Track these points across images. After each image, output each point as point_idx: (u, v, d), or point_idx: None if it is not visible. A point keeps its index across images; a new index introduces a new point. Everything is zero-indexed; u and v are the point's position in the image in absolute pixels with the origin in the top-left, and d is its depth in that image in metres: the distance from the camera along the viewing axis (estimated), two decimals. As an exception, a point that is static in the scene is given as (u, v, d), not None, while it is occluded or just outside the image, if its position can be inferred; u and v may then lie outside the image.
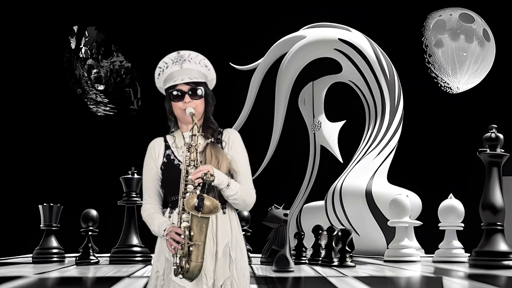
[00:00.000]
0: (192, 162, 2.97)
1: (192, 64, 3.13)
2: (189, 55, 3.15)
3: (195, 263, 2.89)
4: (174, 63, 3.13)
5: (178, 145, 3.14)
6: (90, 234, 6.48)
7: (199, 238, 2.89)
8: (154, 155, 3.15)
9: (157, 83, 3.21)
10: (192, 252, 2.88)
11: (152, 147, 3.18)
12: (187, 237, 2.88)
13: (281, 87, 7.44)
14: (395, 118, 7.58)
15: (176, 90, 3.10)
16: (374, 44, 7.70)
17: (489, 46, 7.60)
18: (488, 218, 5.74)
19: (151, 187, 3.15)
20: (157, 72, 3.18)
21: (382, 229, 7.08)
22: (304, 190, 6.81)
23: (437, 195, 6.70)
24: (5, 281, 5.00)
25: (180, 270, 2.89)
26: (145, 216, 3.13)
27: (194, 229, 2.88)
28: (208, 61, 3.19)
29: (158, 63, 3.18)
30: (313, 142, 7.21)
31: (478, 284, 4.90)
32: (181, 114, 3.11)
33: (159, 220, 3.06)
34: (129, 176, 6.67)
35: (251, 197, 3.13)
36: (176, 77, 3.11)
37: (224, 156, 3.06)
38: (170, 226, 2.96)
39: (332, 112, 7.68)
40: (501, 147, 5.83)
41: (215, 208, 2.88)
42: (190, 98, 3.09)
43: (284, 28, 7.78)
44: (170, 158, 3.13)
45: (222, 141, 3.13)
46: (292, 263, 5.68)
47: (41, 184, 8.51)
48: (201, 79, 3.13)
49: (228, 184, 3.01)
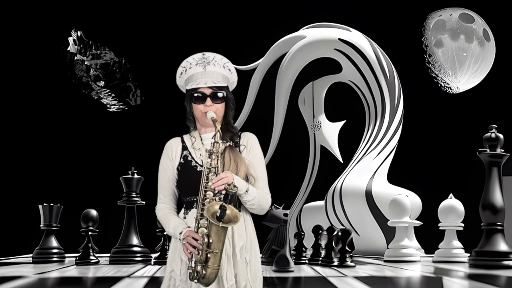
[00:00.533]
0: (212, 169, 2.98)
1: (216, 67, 3.13)
2: (213, 57, 3.15)
3: (211, 269, 2.91)
4: (198, 64, 3.13)
5: (196, 146, 3.14)
6: (90, 234, 6.48)
7: (217, 246, 2.91)
8: (171, 155, 3.15)
9: (178, 81, 3.20)
10: (209, 259, 2.91)
11: (170, 147, 3.18)
12: (205, 244, 2.90)
13: (281, 87, 7.44)
14: (395, 118, 7.58)
15: (198, 93, 3.10)
16: (374, 44, 7.70)
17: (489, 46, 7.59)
18: (488, 218, 5.74)
19: (166, 187, 3.15)
20: (180, 71, 3.17)
21: (382, 229, 7.08)
22: (304, 190, 6.82)
23: (437, 195, 6.70)
24: (5, 281, 5.00)
25: (196, 275, 2.92)
26: (160, 215, 3.14)
27: (212, 237, 2.91)
28: (231, 64, 3.20)
29: (182, 62, 3.17)
30: (313, 142, 7.21)
31: (478, 284, 4.90)
32: (201, 116, 3.11)
33: (175, 221, 3.06)
34: (129, 176, 6.67)
35: (267, 202, 3.14)
36: (199, 79, 3.10)
37: (242, 161, 3.07)
38: (187, 231, 2.97)
39: (332, 112, 7.68)
40: (501, 147, 5.83)
41: (234, 217, 2.90)
42: (212, 102, 3.09)
43: (284, 28, 7.79)
44: (187, 159, 3.13)
45: (241, 145, 3.14)
46: (292, 263, 5.68)
47: (41, 184, 8.51)
48: (224, 83, 3.13)
49: (246, 190, 3.02)
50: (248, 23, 8.87)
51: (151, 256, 6.60)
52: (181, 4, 9.20)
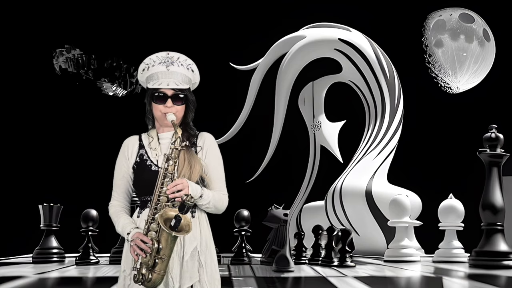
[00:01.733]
0: (169, 174, 2.97)
1: (180, 68, 3.11)
2: (178, 58, 3.13)
3: (157, 274, 2.92)
4: (162, 63, 3.11)
5: (152, 146, 3.13)
6: (90, 234, 6.48)
7: (166, 252, 2.92)
8: (127, 154, 3.16)
9: (140, 77, 3.19)
10: (157, 265, 2.91)
11: (126, 145, 3.19)
12: (155, 250, 2.89)
13: (281, 87, 7.44)
14: (395, 118, 7.58)
15: (159, 92, 3.08)
16: (374, 44, 7.70)
17: (489, 46, 7.59)
18: (488, 218, 5.74)
19: (120, 184, 3.17)
20: (142, 67, 3.16)
21: (382, 229, 7.08)
22: (304, 190, 6.81)
23: (437, 195, 6.70)
24: (5, 281, 5.00)
25: (141, 277, 2.91)
26: (111, 212, 3.16)
27: (162, 243, 2.91)
28: (195, 66, 3.18)
29: (145, 59, 3.15)
30: (313, 142, 7.21)
31: (478, 284, 4.90)
32: (160, 116, 3.10)
33: (124, 220, 3.07)
34: (129, 176, 6.66)
35: (223, 203, 3.13)
36: (162, 79, 3.08)
37: (197, 162, 3.05)
38: (137, 232, 2.96)
39: (332, 112, 7.68)
40: (501, 147, 5.83)
41: (187, 226, 2.91)
42: (172, 103, 3.08)
43: (284, 28, 7.78)
44: (143, 158, 3.12)
45: (197, 146, 3.12)
46: (292, 263, 5.68)
47: (41, 184, 8.51)
48: (186, 85, 3.11)
49: (201, 195, 3.01)
50: (248, 23, 8.87)
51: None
52: (181, 4, 9.20)
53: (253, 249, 6.74)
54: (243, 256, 6.37)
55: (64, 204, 6.86)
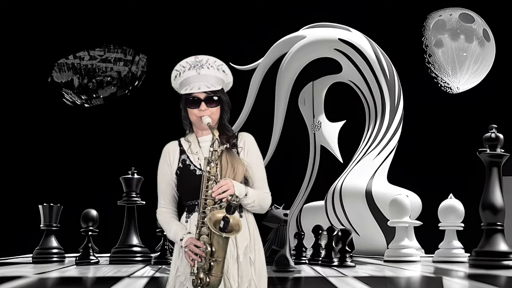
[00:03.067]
0: (212, 177, 2.97)
1: (210, 70, 3.12)
2: (207, 60, 3.14)
3: (215, 277, 2.93)
4: (192, 68, 3.11)
5: (193, 150, 3.14)
6: (90, 234, 6.48)
7: (220, 254, 2.93)
8: (168, 160, 3.15)
9: (173, 84, 3.19)
10: (212, 267, 2.92)
11: (167, 152, 3.17)
12: (209, 253, 2.90)
13: (281, 87, 7.44)
14: (395, 118, 7.58)
15: (192, 97, 3.09)
16: (374, 44, 7.70)
17: (489, 46, 7.59)
18: (488, 218, 5.74)
19: (166, 191, 3.15)
20: (174, 75, 3.16)
21: (382, 229, 7.08)
22: (304, 190, 6.81)
23: (437, 195, 6.70)
24: (5, 281, 5.00)
25: (200, 282, 2.92)
26: (161, 219, 3.14)
27: (215, 246, 2.92)
28: (225, 66, 3.19)
29: (175, 66, 3.16)
30: (313, 142, 7.21)
31: (478, 284, 4.90)
32: (196, 120, 3.11)
33: (175, 227, 3.07)
34: (129, 176, 6.67)
35: (267, 201, 3.15)
36: (193, 83, 3.09)
37: (239, 163, 3.06)
38: (189, 238, 2.97)
39: (332, 112, 7.67)
40: (501, 147, 5.83)
41: (236, 226, 2.91)
42: (206, 106, 3.08)
43: (284, 28, 7.78)
44: (185, 163, 3.12)
45: (238, 146, 3.13)
46: (292, 263, 5.68)
47: (41, 184, 8.51)
48: (218, 86, 3.12)
49: (246, 194, 3.02)
50: (248, 23, 8.86)
51: (151, 256, 6.60)
52: (181, 4, 9.20)
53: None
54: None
55: (64, 204, 6.86)
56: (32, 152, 8.98)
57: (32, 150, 8.98)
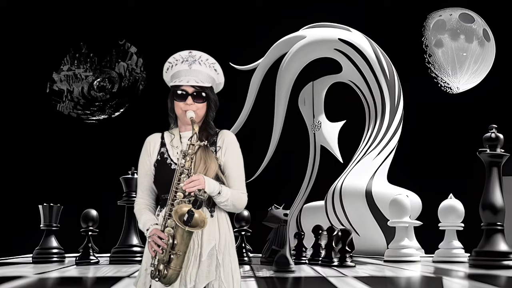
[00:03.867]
0: (185, 171, 2.98)
1: (202, 67, 3.13)
2: (200, 56, 3.14)
3: (173, 270, 2.93)
4: (184, 61, 3.13)
5: (174, 144, 3.14)
6: (90, 234, 6.48)
7: (181, 248, 2.92)
8: (149, 150, 3.17)
9: (165, 76, 3.22)
10: (172, 260, 2.92)
11: (149, 142, 3.20)
12: (170, 246, 2.90)
13: (281, 87, 7.43)
14: (395, 118, 7.57)
15: (180, 90, 3.10)
16: (374, 44, 7.69)
17: (489, 46, 7.59)
18: (488, 218, 5.74)
19: (143, 182, 3.17)
20: (166, 67, 3.18)
21: (382, 229, 7.07)
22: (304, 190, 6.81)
23: (437, 195, 6.70)
24: (5, 281, 5.00)
25: (158, 273, 2.92)
26: (135, 210, 3.17)
27: (177, 239, 2.92)
28: (218, 65, 3.19)
29: (169, 58, 3.17)
30: (313, 142, 7.20)
31: (478, 284, 4.90)
32: (181, 114, 3.12)
33: (145, 217, 3.08)
34: (129, 176, 6.67)
35: (242, 201, 3.13)
36: (183, 77, 3.10)
37: (212, 161, 3.05)
38: (154, 229, 2.97)
39: (332, 112, 7.67)
40: (501, 147, 5.83)
41: (202, 222, 2.91)
42: (193, 101, 3.09)
43: (284, 28, 7.78)
44: (163, 156, 3.13)
45: (217, 145, 3.13)
46: (292, 263, 5.68)
47: (41, 184, 8.51)
48: (208, 83, 3.12)
49: (219, 192, 3.02)
50: (248, 23, 8.86)
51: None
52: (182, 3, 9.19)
53: (253, 249, 6.73)
54: (243, 256, 6.37)
55: (64, 204, 6.86)
56: (32, 152, 8.98)
57: (32, 150, 8.97)
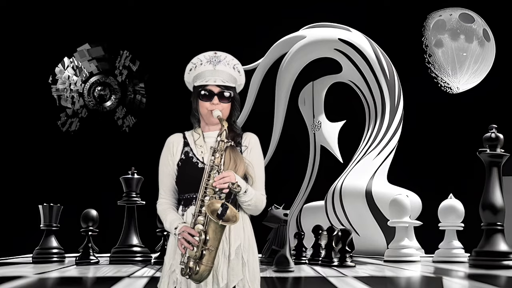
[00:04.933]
0: (215, 167, 2.98)
1: (226, 67, 3.14)
2: (225, 57, 3.16)
3: (205, 266, 2.91)
4: (209, 62, 3.13)
5: (198, 143, 3.14)
6: (90, 234, 6.48)
7: (213, 243, 2.91)
8: (172, 150, 3.16)
9: (186, 77, 3.20)
10: (204, 256, 2.91)
11: (171, 142, 3.18)
12: (202, 241, 2.90)
13: (281, 87, 7.44)
14: (395, 118, 7.58)
15: (205, 90, 3.10)
16: (374, 44, 7.70)
17: (489, 46, 7.59)
18: (488, 218, 5.74)
19: (166, 182, 3.15)
20: (189, 67, 3.18)
21: (382, 229, 7.08)
22: (304, 190, 6.82)
23: (437, 195, 6.70)
24: (5, 281, 5.00)
25: (188, 271, 2.91)
26: (159, 210, 3.15)
27: (210, 234, 2.91)
28: (241, 66, 3.21)
29: (192, 59, 3.17)
30: (313, 142, 7.21)
31: (478, 284, 4.90)
32: (206, 114, 3.12)
33: (172, 216, 3.07)
34: (129, 176, 6.67)
35: (263, 203, 3.15)
36: (208, 77, 3.11)
37: (241, 161, 3.07)
38: (183, 226, 2.97)
39: (332, 112, 7.67)
40: (501, 147, 5.83)
41: (233, 217, 2.91)
42: (219, 101, 3.10)
43: (284, 28, 7.78)
44: (188, 155, 3.13)
45: (243, 145, 3.14)
46: (292, 263, 5.68)
47: (41, 184, 8.51)
48: (232, 84, 3.14)
49: (245, 191, 3.03)
50: (248, 23, 8.86)
51: (151, 256, 6.60)
52: (182, 4, 9.20)
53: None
54: (243, 256, 6.36)
55: (64, 204, 6.86)
56: (32, 152, 8.98)
57: (32, 150, 8.97)
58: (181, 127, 3.30)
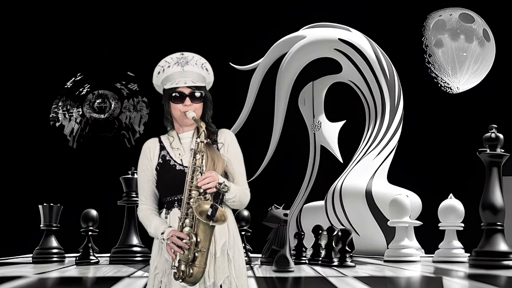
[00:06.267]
0: (198, 169, 2.99)
1: (194, 67, 3.14)
2: (192, 57, 3.16)
3: (198, 268, 2.92)
4: (177, 63, 3.14)
5: (174, 146, 3.15)
6: (90, 234, 6.48)
7: (204, 244, 2.92)
8: (149, 156, 3.16)
9: (155, 80, 3.21)
10: (197, 258, 2.91)
11: (147, 148, 3.19)
12: (194, 243, 2.90)
13: (281, 87, 7.44)
14: (395, 118, 7.58)
15: (176, 92, 3.11)
16: (374, 44, 7.70)
17: (489, 46, 7.59)
18: (488, 218, 5.74)
19: (146, 187, 3.16)
20: (157, 70, 3.18)
21: (382, 229, 7.08)
22: (304, 190, 6.82)
23: (437, 195, 6.70)
24: (5, 281, 5.00)
25: (182, 274, 2.91)
26: (141, 216, 3.14)
27: (200, 235, 2.92)
28: (209, 65, 3.20)
29: (159, 62, 3.18)
30: (313, 142, 7.22)
31: (478, 284, 4.90)
32: (180, 116, 3.13)
33: (156, 222, 3.07)
34: (129, 176, 6.67)
35: (247, 197, 3.15)
36: (178, 79, 3.11)
37: (219, 158, 3.07)
38: (172, 230, 2.97)
39: (332, 112, 7.68)
40: (501, 147, 5.83)
41: (222, 216, 2.92)
42: (191, 101, 3.10)
43: (284, 28, 7.78)
44: (165, 158, 3.13)
45: (219, 142, 3.15)
46: (292, 263, 5.68)
47: (41, 184, 8.51)
48: (202, 83, 3.14)
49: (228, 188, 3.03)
50: (248, 23, 8.86)
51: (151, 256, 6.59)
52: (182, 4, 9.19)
53: (253, 249, 6.73)
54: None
55: (64, 204, 6.86)
56: (32, 152, 8.98)
57: (32, 150, 8.97)
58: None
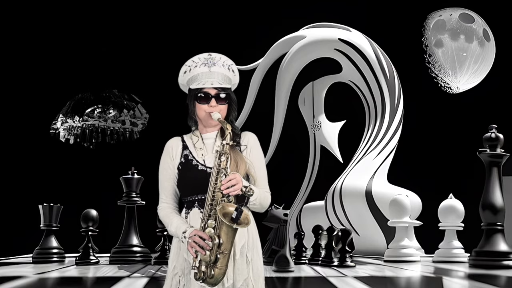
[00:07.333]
0: (222, 170, 2.99)
1: (221, 68, 3.15)
2: (220, 58, 3.17)
3: (220, 270, 2.93)
4: (204, 64, 3.14)
5: (197, 146, 3.15)
6: (90, 234, 6.48)
7: (227, 246, 2.93)
8: (171, 155, 3.16)
9: (180, 79, 3.20)
10: (219, 260, 2.92)
11: (170, 146, 3.18)
12: (216, 245, 2.90)
13: (281, 87, 7.44)
14: (395, 118, 7.58)
15: (202, 93, 3.10)
16: (374, 44, 7.70)
17: (489, 46, 7.59)
18: (488, 218, 5.74)
19: (167, 186, 3.16)
20: (183, 70, 3.17)
21: (382, 229, 7.08)
22: (304, 190, 6.82)
23: (437, 195, 6.70)
24: (5, 281, 5.00)
25: (203, 275, 2.91)
26: (162, 215, 3.15)
27: (223, 237, 2.92)
28: (235, 67, 3.22)
29: (187, 61, 3.16)
30: (313, 142, 7.21)
31: (478, 284, 4.90)
32: (205, 116, 3.12)
33: (177, 221, 3.07)
34: (129, 176, 6.67)
35: (268, 200, 3.17)
36: (205, 79, 3.11)
37: (242, 160, 3.08)
38: (194, 230, 2.97)
39: (332, 112, 7.68)
40: (501, 147, 5.83)
41: (245, 219, 2.93)
42: (216, 103, 3.10)
43: (284, 28, 7.78)
44: (188, 158, 3.13)
45: (242, 145, 3.14)
46: (292, 263, 5.68)
47: (41, 184, 8.51)
48: (227, 84, 3.14)
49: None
50: (248, 23, 8.87)
51: (151, 256, 6.60)
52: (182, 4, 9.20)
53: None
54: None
55: (64, 204, 6.86)
56: (32, 152, 8.98)
57: (32, 150, 8.97)
58: (180, 127, 3.30)
